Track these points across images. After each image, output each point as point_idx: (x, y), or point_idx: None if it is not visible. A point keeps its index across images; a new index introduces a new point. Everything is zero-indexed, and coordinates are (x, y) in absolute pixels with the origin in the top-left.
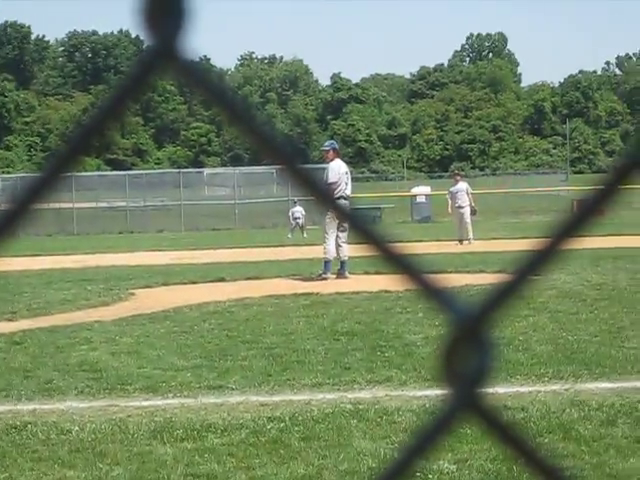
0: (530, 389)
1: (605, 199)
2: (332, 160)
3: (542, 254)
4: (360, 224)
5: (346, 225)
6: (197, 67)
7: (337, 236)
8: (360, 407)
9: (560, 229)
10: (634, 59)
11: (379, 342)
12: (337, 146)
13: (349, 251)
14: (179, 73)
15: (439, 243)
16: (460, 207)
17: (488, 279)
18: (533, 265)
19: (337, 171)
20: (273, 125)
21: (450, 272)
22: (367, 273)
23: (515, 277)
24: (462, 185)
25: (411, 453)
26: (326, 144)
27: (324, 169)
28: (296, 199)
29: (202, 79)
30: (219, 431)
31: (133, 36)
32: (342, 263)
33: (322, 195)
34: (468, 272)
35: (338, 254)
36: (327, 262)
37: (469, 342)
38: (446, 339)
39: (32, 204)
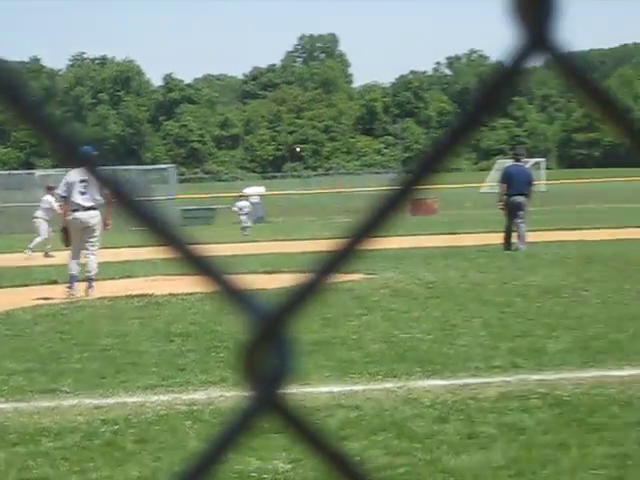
0: (364, 387)
1: (400, 199)
2: None
3: (340, 254)
4: (161, 226)
5: (97, 235)
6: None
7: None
8: (194, 408)
9: (358, 229)
10: (464, 60)
11: (214, 343)
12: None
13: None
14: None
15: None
16: None
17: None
18: (330, 265)
19: (65, 180)
20: (106, 126)
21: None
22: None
23: (314, 277)
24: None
25: (212, 451)
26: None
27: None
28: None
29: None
30: (52, 435)
31: None
32: (89, 279)
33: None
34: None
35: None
36: (73, 277)
37: (269, 342)
38: (246, 340)
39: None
